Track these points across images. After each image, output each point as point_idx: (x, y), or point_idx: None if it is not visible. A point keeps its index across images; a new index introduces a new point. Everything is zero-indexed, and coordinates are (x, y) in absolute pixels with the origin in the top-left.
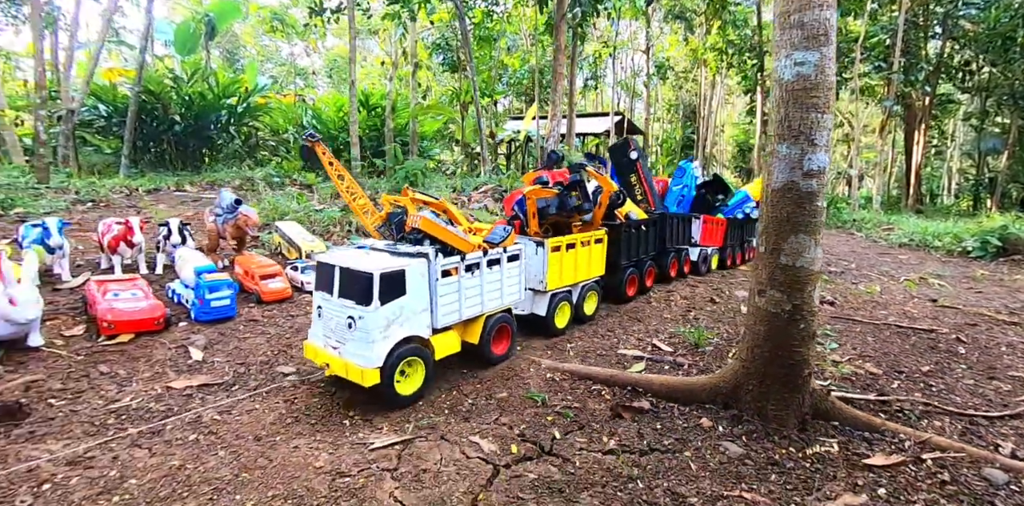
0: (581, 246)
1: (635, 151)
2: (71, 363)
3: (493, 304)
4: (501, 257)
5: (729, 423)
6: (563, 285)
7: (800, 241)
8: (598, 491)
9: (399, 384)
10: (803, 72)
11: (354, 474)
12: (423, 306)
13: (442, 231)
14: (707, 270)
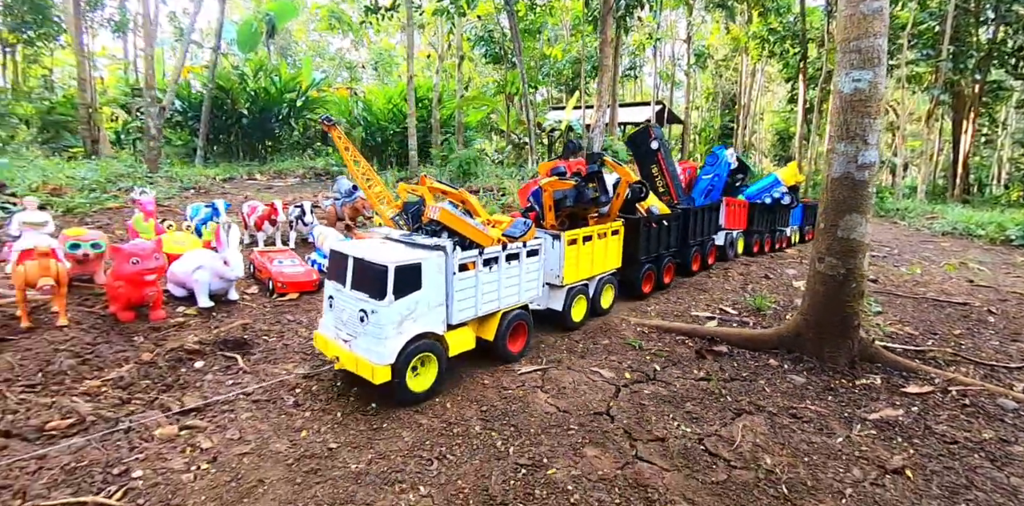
0: (597, 238)
1: (656, 140)
2: (263, 312)
3: (510, 300)
4: (520, 252)
5: (792, 363)
6: (580, 279)
7: (853, 218)
8: (698, 402)
9: (412, 380)
10: (859, 87)
11: (513, 389)
12: (439, 301)
13: (461, 223)
14: (735, 255)
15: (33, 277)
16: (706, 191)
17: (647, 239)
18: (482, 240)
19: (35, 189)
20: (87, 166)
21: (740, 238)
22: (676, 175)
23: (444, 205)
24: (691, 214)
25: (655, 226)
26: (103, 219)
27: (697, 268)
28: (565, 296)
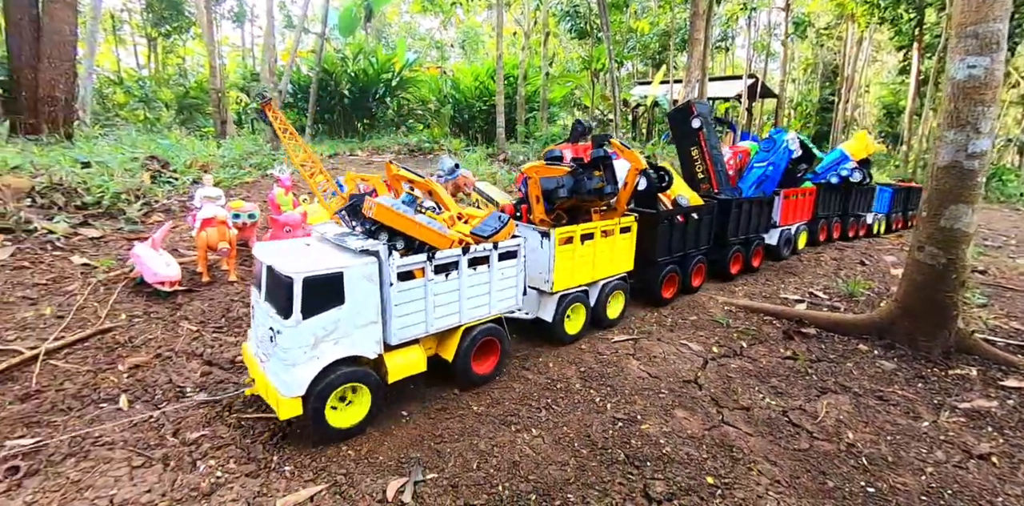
0: (602, 236)
1: (698, 118)
2: None
3: (477, 312)
4: (490, 254)
5: (883, 349)
6: (576, 285)
7: (959, 209)
8: (783, 378)
9: (335, 413)
10: (974, 73)
11: (607, 354)
12: (370, 318)
13: (405, 221)
14: (791, 253)
15: (213, 241)
16: (758, 181)
17: (668, 236)
18: (437, 242)
19: (189, 166)
20: (224, 146)
21: (803, 232)
22: (719, 160)
23: (382, 200)
24: (732, 207)
25: (681, 220)
26: (243, 193)
27: (737, 271)
28: (556, 305)
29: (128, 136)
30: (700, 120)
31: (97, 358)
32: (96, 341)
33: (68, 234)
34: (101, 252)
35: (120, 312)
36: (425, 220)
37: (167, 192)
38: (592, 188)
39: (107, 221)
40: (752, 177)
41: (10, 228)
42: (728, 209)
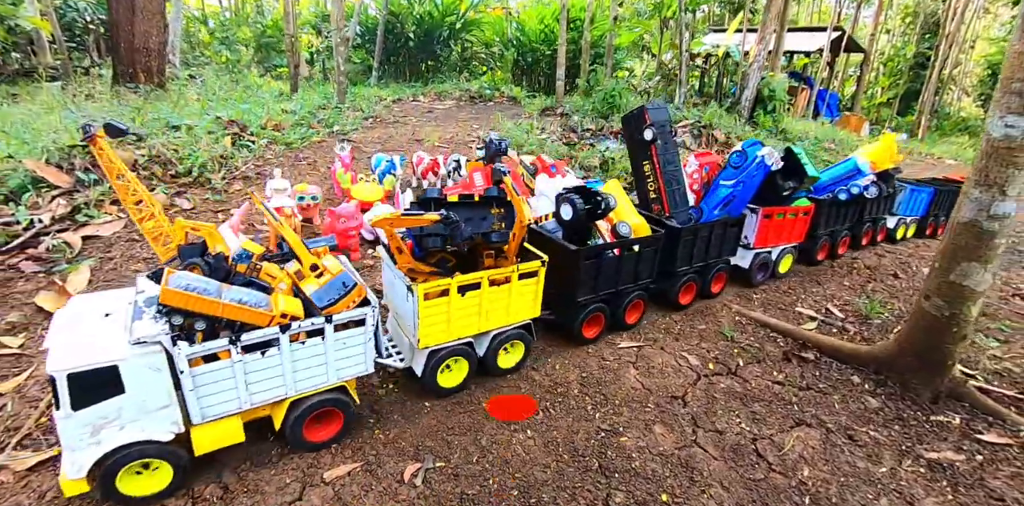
0: (493, 286)
1: (651, 128)
2: None
3: (312, 382)
4: (324, 327)
5: (874, 384)
6: (454, 338)
7: (971, 267)
8: (766, 404)
9: (129, 483)
10: (1011, 134)
11: (610, 361)
12: (161, 403)
13: (202, 305)
14: (766, 277)
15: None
16: (724, 202)
17: (595, 273)
18: (253, 319)
19: (264, 127)
20: (295, 98)
21: (788, 255)
22: (674, 178)
23: (175, 279)
24: (684, 235)
25: (615, 255)
26: (311, 155)
27: (689, 301)
28: (427, 359)
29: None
30: (654, 131)
31: None
32: None
33: (166, 205)
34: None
35: None
36: (236, 297)
37: (245, 158)
38: (475, 234)
39: (196, 190)
40: (717, 197)
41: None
42: (678, 237)
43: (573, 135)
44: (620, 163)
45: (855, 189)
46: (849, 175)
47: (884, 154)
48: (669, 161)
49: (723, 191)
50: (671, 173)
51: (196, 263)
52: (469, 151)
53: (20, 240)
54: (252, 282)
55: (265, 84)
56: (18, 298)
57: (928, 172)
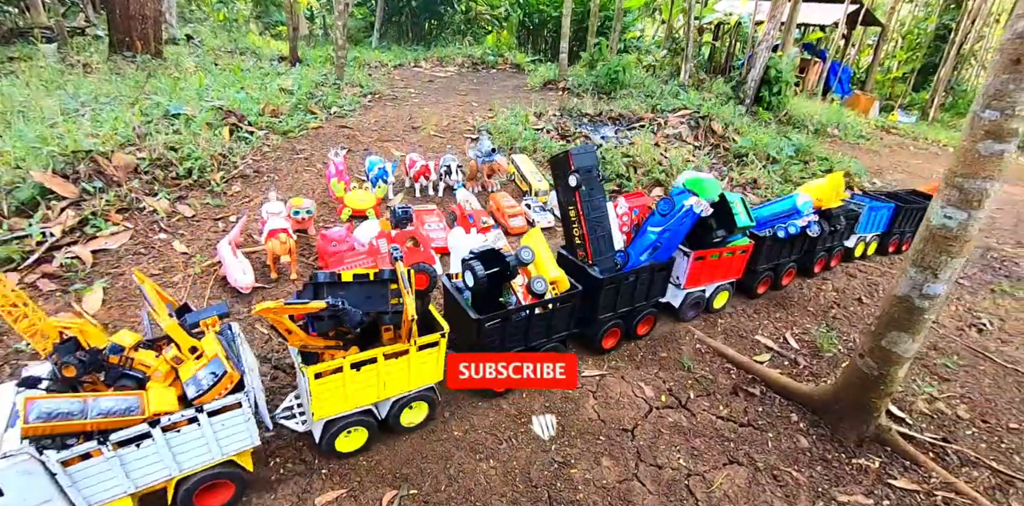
0: (391, 359)
1: (575, 175)
2: None
3: (197, 460)
4: (199, 416)
5: (809, 424)
6: (351, 408)
7: (900, 336)
8: (706, 439)
9: None
10: (948, 224)
11: (572, 391)
12: (43, 498)
13: (70, 427)
14: (698, 314)
15: (277, 251)
16: (650, 248)
17: (499, 336)
18: (124, 425)
19: (261, 114)
20: (293, 74)
21: (723, 291)
22: (598, 224)
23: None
24: (606, 284)
25: (528, 313)
26: (308, 147)
27: (611, 346)
28: (323, 428)
29: (210, 40)
30: (578, 178)
31: None
32: None
33: (168, 212)
34: (195, 235)
35: None
36: (104, 409)
37: (242, 153)
38: (369, 313)
39: (196, 193)
40: (644, 243)
41: (126, 207)
42: (599, 287)
43: (570, 122)
44: (612, 164)
45: (792, 228)
46: (787, 214)
47: (830, 192)
48: (594, 207)
49: (650, 237)
50: (595, 220)
51: (70, 362)
52: (463, 142)
53: (35, 256)
54: (126, 374)
55: (264, 44)
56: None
57: (928, 165)
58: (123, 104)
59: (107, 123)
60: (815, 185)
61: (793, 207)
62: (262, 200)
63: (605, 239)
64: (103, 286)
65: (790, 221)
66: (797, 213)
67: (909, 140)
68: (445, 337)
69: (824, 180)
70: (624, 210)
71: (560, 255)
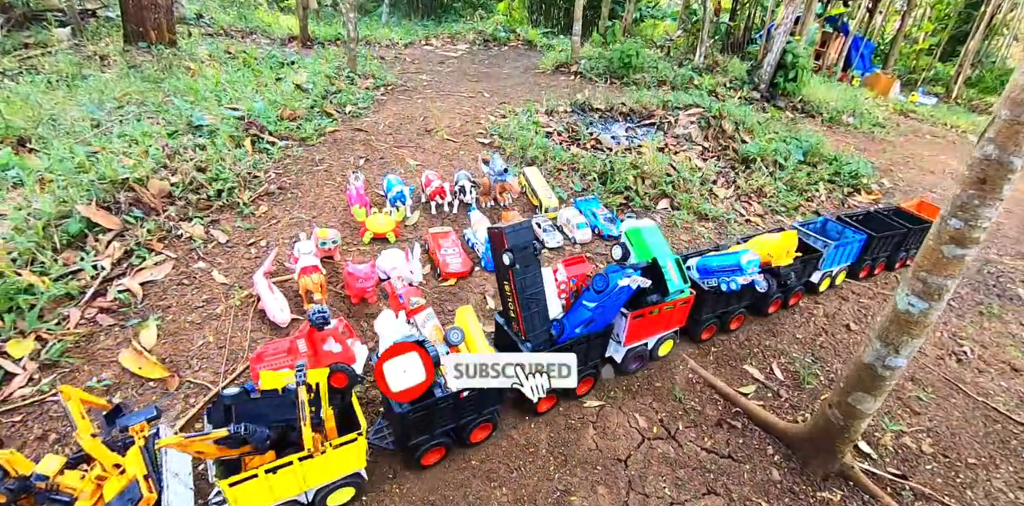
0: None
1: (508, 253)
2: (436, 295)
3: None
4: None
5: (782, 457)
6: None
7: (864, 396)
8: (689, 470)
9: None
10: (911, 310)
11: (575, 420)
12: None
13: None
14: (640, 366)
15: (310, 288)
16: (585, 322)
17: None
18: None
19: (281, 118)
20: (306, 68)
21: (667, 340)
22: (532, 300)
23: None
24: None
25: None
26: (327, 157)
27: (551, 406)
28: None
29: (220, 18)
30: (511, 257)
31: None
32: (246, 375)
33: (204, 238)
34: (230, 263)
35: (256, 342)
36: None
37: (265, 167)
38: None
39: (227, 216)
40: (579, 317)
41: (164, 235)
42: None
43: (580, 122)
44: (620, 175)
45: (733, 285)
46: (731, 269)
47: (780, 251)
48: (529, 285)
49: (584, 313)
50: (529, 297)
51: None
52: (476, 148)
53: (92, 291)
54: (53, 499)
55: (273, 21)
56: (104, 355)
57: (943, 158)
58: (146, 110)
59: (137, 141)
60: (767, 241)
61: (736, 264)
62: (288, 221)
63: (540, 314)
64: (156, 323)
65: (732, 278)
66: (740, 270)
67: (927, 125)
68: (363, 435)
69: (777, 238)
70: (563, 278)
71: (496, 324)
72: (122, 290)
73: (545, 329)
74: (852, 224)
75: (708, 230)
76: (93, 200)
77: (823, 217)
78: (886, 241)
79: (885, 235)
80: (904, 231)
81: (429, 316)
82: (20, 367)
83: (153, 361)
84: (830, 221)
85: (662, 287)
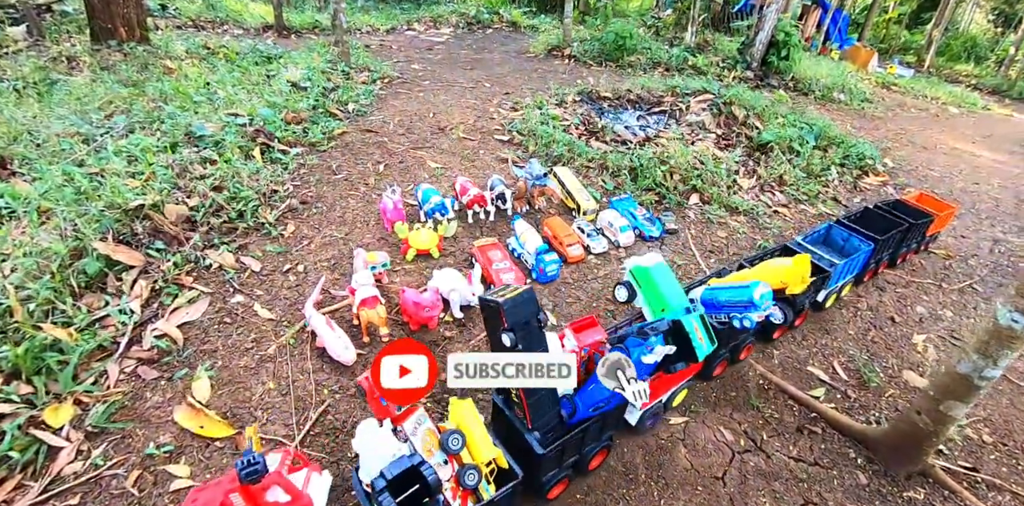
0: None
1: (509, 334)
2: None
3: None
4: None
5: (865, 460)
6: None
7: (956, 404)
8: (783, 482)
9: None
10: (1014, 327)
11: (664, 438)
12: None
13: None
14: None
15: (374, 322)
16: (597, 404)
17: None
18: None
19: (287, 123)
20: (300, 62)
21: (681, 392)
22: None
23: None
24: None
25: None
26: (344, 163)
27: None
28: None
29: (187, 9)
30: (512, 337)
31: (331, 446)
32: (320, 424)
33: (235, 267)
34: (271, 294)
35: (322, 385)
36: None
37: (280, 178)
38: None
39: (255, 239)
40: (595, 397)
41: (192, 268)
42: (540, 462)
43: (593, 112)
44: (650, 171)
45: (747, 322)
46: (744, 305)
47: (795, 278)
48: None
49: (603, 392)
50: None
51: None
52: (496, 147)
53: (126, 340)
54: None
55: (243, 9)
56: (157, 415)
57: (929, 133)
58: (136, 120)
59: (137, 158)
60: (779, 268)
61: (749, 300)
62: (321, 240)
63: (547, 397)
64: (208, 374)
65: (746, 314)
66: (752, 306)
67: (909, 98)
68: None
69: (789, 263)
70: (573, 346)
71: (494, 406)
72: (159, 335)
73: (554, 411)
74: (857, 229)
75: (741, 224)
76: (109, 233)
77: (826, 223)
78: (889, 241)
79: (890, 236)
80: (906, 227)
81: (420, 419)
82: (64, 438)
83: (214, 418)
84: (834, 226)
85: (689, 352)
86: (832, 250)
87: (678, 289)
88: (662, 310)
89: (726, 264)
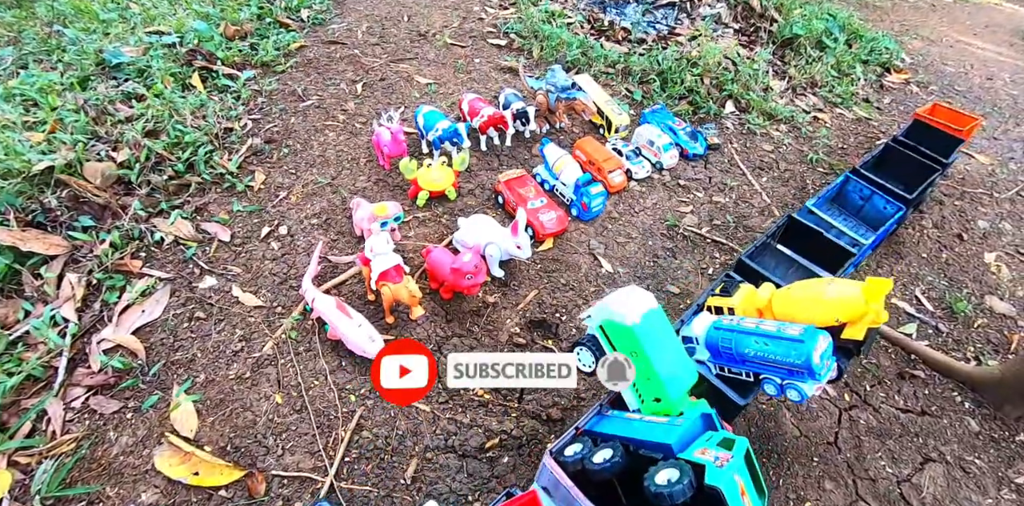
0: None
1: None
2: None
3: None
4: None
5: (973, 403)
6: None
7: None
8: (897, 438)
9: None
10: None
11: (765, 404)
12: None
13: None
14: None
15: (404, 300)
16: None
17: None
18: None
19: (230, 39)
20: None
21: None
22: None
23: None
24: None
25: None
26: (310, 87)
27: None
28: None
29: None
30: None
31: (380, 475)
32: (356, 445)
33: (197, 239)
34: (250, 270)
35: (346, 390)
36: None
37: (235, 112)
38: None
39: (216, 197)
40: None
41: (139, 247)
42: None
43: (594, 5)
44: (681, 76)
45: (796, 394)
46: (792, 368)
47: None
48: None
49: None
50: None
51: None
52: (493, 54)
53: (64, 362)
54: None
55: None
56: (131, 464)
57: (930, 23)
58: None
59: (37, 103)
60: (838, 298)
61: (807, 364)
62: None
63: None
64: (189, 397)
65: (794, 382)
66: (810, 373)
67: None
68: None
69: (856, 290)
70: None
71: None
72: (109, 348)
73: None
74: (879, 184)
75: (784, 134)
76: (10, 214)
77: (842, 175)
78: (923, 195)
79: (920, 191)
80: (936, 170)
81: None
82: None
83: (210, 458)
84: (851, 179)
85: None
86: (848, 212)
87: (683, 359)
88: (656, 401)
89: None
